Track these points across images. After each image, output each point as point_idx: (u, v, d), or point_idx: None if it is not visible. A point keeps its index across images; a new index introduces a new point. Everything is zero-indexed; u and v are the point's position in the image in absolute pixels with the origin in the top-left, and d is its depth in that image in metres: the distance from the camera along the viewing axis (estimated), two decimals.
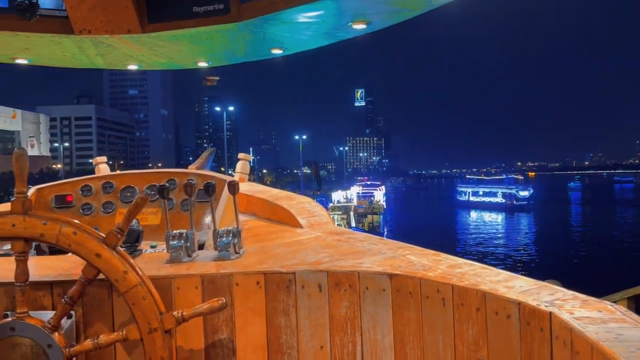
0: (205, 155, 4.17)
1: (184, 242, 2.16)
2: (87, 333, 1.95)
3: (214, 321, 1.96)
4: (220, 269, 2.00)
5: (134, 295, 1.77)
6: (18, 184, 1.83)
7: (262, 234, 2.66)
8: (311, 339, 1.94)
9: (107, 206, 2.96)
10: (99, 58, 3.06)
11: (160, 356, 1.77)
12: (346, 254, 2.16)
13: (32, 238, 1.80)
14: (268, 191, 3.19)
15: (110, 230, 1.81)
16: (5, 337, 1.78)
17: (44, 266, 2.12)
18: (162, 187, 2.22)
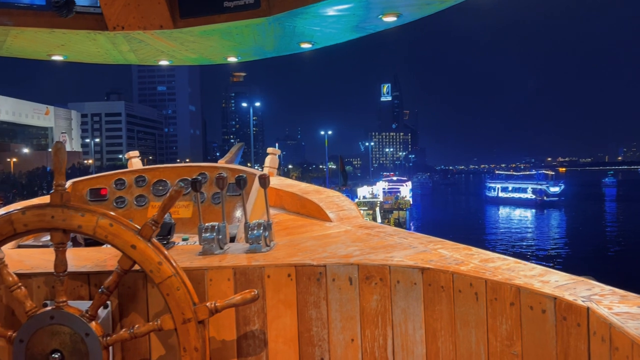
0: (235, 150, 4.22)
1: (216, 235, 2.19)
2: (122, 323, 1.99)
3: (246, 312, 1.98)
4: (251, 261, 2.02)
5: (169, 286, 1.80)
6: (57, 176, 1.87)
7: (291, 227, 2.67)
8: (342, 332, 1.95)
9: (140, 199, 3.02)
10: (132, 54, 3.11)
11: (194, 346, 1.80)
12: (376, 247, 2.15)
13: (70, 229, 1.85)
14: (297, 185, 3.21)
15: (145, 222, 1.84)
16: (45, 326, 1.83)
17: (81, 257, 2.17)
18: (195, 181, 2.25)
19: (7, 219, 1.81)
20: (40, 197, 2.97)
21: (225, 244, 2.26)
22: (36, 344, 1.83)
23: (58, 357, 1.81)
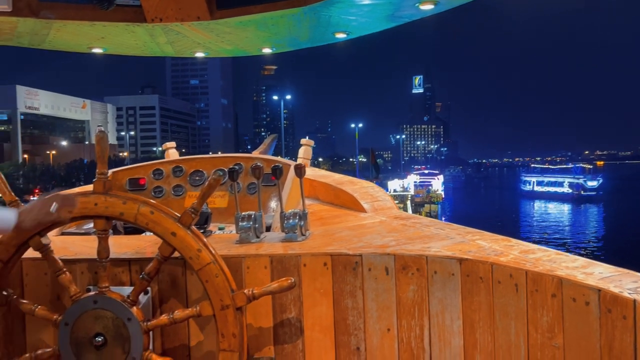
0: (268, 141, 4.25)
1: (252, 224, 2.21)
2: (162, 309, 2.04)
3: (282, 300, 2.00)
4: (288, 250, 2.04)
5: (207, 272, 1.83)
6: (99, 165, 1.92)
7: (325, 217, 2.68)
8: (378, 321, 1.94)
9: (177, 189, 3.07)
10: (169, 46, 3.16)
11: (232, 332, 1.83)
12: (413, 238, 2.14)
13: (113, 217, 1.89)
14: (330, 176, 3.21)
15: (185, 210, 1.87)
16: (89, 310, 1.89)
17: (122, 245, 2.23)
18: (232, 170, 2.27)
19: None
20: (79, 187, 3.05)
21: (261, 232, 2.28)
22: (80, 328, 1.89)
23: (101, 341, 1.87)
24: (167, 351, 2.03)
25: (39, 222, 1.81)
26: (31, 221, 1.79)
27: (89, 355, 1.88)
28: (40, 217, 1.79)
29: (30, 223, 1.79)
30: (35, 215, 1.79)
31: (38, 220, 1.80)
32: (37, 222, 1.80)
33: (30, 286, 2.08)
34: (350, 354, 1.97)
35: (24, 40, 2.95)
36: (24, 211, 1.80)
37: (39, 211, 1.80)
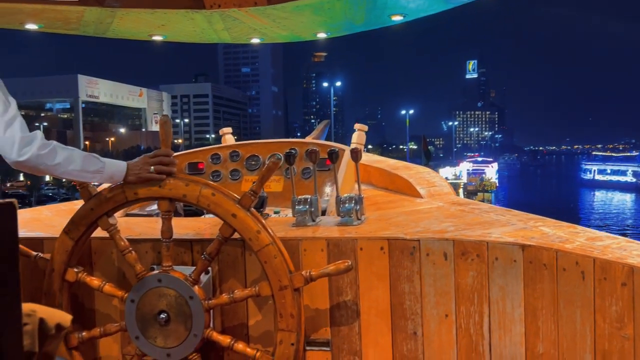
0: (321, 127, 4.26)
1: (308, 207, 2.23)
2: (222, 288, 2.09)
3: (339, 283, 2.01)
4: (344, 234, 2.04)
5: (266, 253, 1.86)
6: (163, 148, 1.98)
7: (380, 202, 2.66)
8: (435, 307, 1.92)
9: (234, 174, 3.13)
10: (225, 32, 3.20)
11: (289, 312, 1.86)
12: (472, 224, 2.10)
13: (176, 198, 1.95)
14: (385, 161, 3.18)
15: (245, 192, 1.90)
16: (153, 288, 1.97)
17: (184, 226, 2.30)
18: (289, 154, 2.29)
19: (120, 188, 1.94)
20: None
21: (317, 216, 2.30)
22: (145, 304, 1.97)
23: (165, 318, 1.94)
24: (227, 329, 2.08)
25: (140, 178, 1.89)
26: (134, 177, 1.88)
27: (154, 331, 1.95)
28: (142, 175, 1.89)
29: (133, 178, 1.89)
30: (138, 171, 1.89)
31: (140, 177, 1.89)
32: (139, 178, 1.89)
33: (98, 264, 2.19)
34: (407, 338, 1.96)
35: (89, 29, 3.06)
36: (132, 165, 1.90)
37: (141, 168, 1.89)
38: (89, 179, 1.89)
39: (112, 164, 1.90)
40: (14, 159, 1.73)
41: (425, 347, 1.94)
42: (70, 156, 1.81)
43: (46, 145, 1.76)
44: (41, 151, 1.75)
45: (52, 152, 1.77)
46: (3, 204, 1.02)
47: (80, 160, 1.82)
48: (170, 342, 1.95)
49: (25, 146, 1.73)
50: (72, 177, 1.86)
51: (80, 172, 1.84)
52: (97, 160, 1.86)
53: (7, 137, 1.72)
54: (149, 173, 1.90)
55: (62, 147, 1.81)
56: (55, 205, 3.05)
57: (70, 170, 1.82)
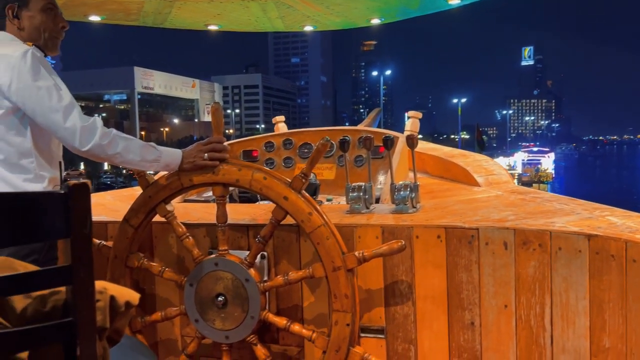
0: (373, 115, 4.22)
1: (362, 195, 2.21)
2: (276, 271, 2.11)
3: (394, 271, 1.99)
4: (399, 221, 2.02)
5: (319, 235, 1.86)
6: (215, 135, 2.01)
7: (436, 191, 2.62)
8: (494, 297, 1.87)
9: (287, 161, 3.15)
10: (279, 20, 3.22)
11: (344, 293, 1.86)
12: (533, 212, 2.03)
13: (229, 183, 1.98)
14: (440, 149, 3.12)
15: (296, 175, 1.91)
16: (210, 271, 2.01)
17: (239, 212, 2.33)
18: (343, 140, 2.28)
19: (175, 175, 1.99)
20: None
21: (371, 204, 2.28)
22: (203, 288, 2.01)
23: (222, 301, 1.98)
24: (281, 312, 2.11)
25: (194, 166, 1.94)
26: (189, 164, 1.93)
27: (212, 313, 2.00)
28: (197, 162, 1.93)
29: (188, 166, 1.93)
30: (193, 159, 1.93)
31: (195, 164, 1.93)
32: (194, 165, 1.93)
33: (158, 249, 2.26)
34: (464, 328, 1.92)
35: (148, 20, 3.14)
36: (187, 153, 1.94)
37: (195, 156, 1.93)
38: (147, 167, 1.95)
39: (168, 153, 1.94)
40: (77, 149, 1.80)
41: (483, 338, 1.90)
42: (129, 145, 1.86)
43: (107, 135, 1.82)
44: (103, 141, 1.81)
45: (113, 141, 1.83)
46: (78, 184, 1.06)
47: (138, 149, 1.88)
48: (228, 325, 1.99)
49: (87, 136, 1.79)
50: (130, 165, 1.92)
51: (139, 161, 1.89)
52: (154, 149, 1.91)
53: (69, 127, 1.78)
54: (203, 160, 1.94)
55: (122, 137, 1.86)
56: (117, 191, 3.17)
57: (130, 159, 1.87)
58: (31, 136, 1.85)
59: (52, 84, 1.80)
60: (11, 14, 1.90)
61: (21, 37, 1.91)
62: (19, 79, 1.75)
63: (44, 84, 1.78)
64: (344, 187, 3.03)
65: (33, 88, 1.76)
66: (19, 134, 1.83)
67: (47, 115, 1.78)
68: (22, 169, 1.85)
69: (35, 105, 1.77)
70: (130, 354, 1.47)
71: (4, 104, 1.79)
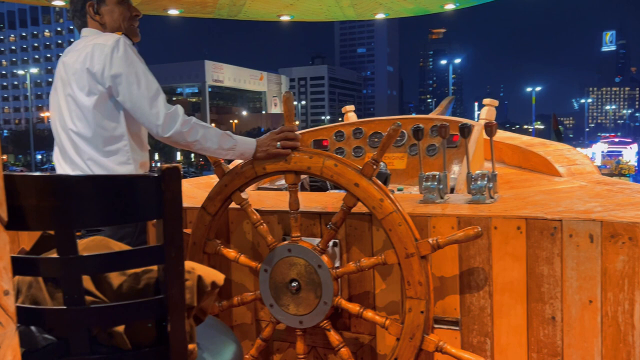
0: (445, 103, 4.11)
1: (437, 184, 2.17)
2: (348, 258, 2.12)
3: (470, 262, 1.94)
4: (476, 212, 1.96)
5: (391, 221, 1.84)
6: (287, 123, 2.03)
7: (514, 181, 2.52)
8: (578, 292, 1.78)
9: (357, 150, 3.14)
10: (351, 9, 3.20)
11: (417, 280, 1.83)
12: (622, 204, 1.90)
13: (301, 171, 2.00)
14: (518, 138, 3.00)
15: (366, 162, 1.89)
16: (284, 257, 2.04)
17: (311, 200, 2.36)
18: (417, 129, 2.24)
19: (249, 164, 2.03)
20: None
21: (445, 193, 2.23)
22: (278, 274, 2.05)
23: (296, 286, 2.01)
24: (353, 298, 2.11)
25: (268, 154, 1.98)
26: (262, 153, 1.97)
27: (286, 299, 2.04)
28: (270, 150, 1.97)
29: (262, 154, 1.98)
30: (266, 147, 1.97)
31: (268, 152, 1.97)
32: (267, 154, 1.97)
33: (234, 235, 2.32)
34: (544, 322, 1.84)
35: (223, 12, 3.22)
36: (260, 142, 1.99)
37: (268, 144, 1.97)
38: (222, 155, 2.00)
39: (243, 141, 1.99)
40: (159, 135, 1.88)
41: (565, 334, 1.82)
42: (208, 133, 1.93)
43: (187, 122, 1.89)
44: (183, 128, 1.88)
45: (193, 129, 1.90)
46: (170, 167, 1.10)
47: (216, 137, 1.94)
48: (302, 310, 2.02)
49: (170, 123, 1.87)
50: (207, 153, 1.98)
51: (216, 149, 1.95)
52: (231, 138, 1.97)
53: (153, 113, 1.87)
54: (275, 149, 1.97)
55: (201, 125, 1.93)
56: (194, 179, 3.30)
57: (207, 147, 1.94)
58: (124, 121, 1.95)
59: (141, 72, 1.89)
60: (92, 10, 2.02)
61: (104, 31, 2.02)
62: (111, 66, 1.86)
63: (134, 70, 1.88)
64: (415, 177, 2.99)
65: (124, 75, 1.86)
66: (113, 119, 1.94)
67: (135, 101, 1.87)
68: (115, 153, 1.95)
69: (125, 91, 1.87)
70: (213, 333, 1.51)
71: (98, 90, 1.90)
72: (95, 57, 1.87)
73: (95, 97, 1.89)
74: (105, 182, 1.14)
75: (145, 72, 1.90)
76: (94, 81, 1.88)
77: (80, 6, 2.03)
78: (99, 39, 1.91)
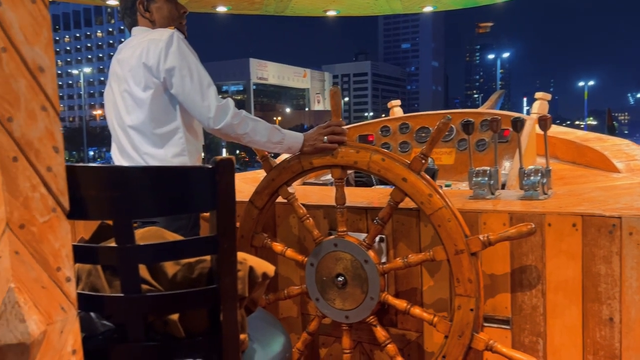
0: (495, 97, 4.02)
1: (488, 180, 2.12)
2: (395, 254, 2.09)
3: (522, 260, 1.88)
4: (529, 208, 1.90)
5: (440, 217, 1.81)
6: (334, 117, 2.02)
7: (568, 177, 2.43)
8: (638, 292, 1.70)
9: (404, 146, 3.11)
10: (398, 2, 3.16)
11: (467, 277, 1.79)
12: None
13: (347, 165, 1.99)
14: (572, 132, 2.90)
15: (415, 156, 1.86)
16: (330, 252, 2.04)
17: (357, 195, 2.34)
18: (467, 123, 2.19)
19: (297, 158, 2.04)
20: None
21: (496, 189, 2.17)
22: (324, 268, 2.05)
23: (342, 281, 2.01)
24: (400, 294, 2.09)
25: (315, 148, 1.99)
26: (309, 147, 1.98)
27: (333, 293, 2.03)
28: (317, 145, 1.97)
29: (309, 149, 1.99)
30: (313, 142, 1.98)
31: (315, 147, 1.98)
32: (314, 148, 1.98)
33: (280, 229, 2.34)
34: (601, 324, 1.77)
35: (270, 9, 3.24)
36: (307, 136, 2.00)
37: (315, 139, 1.98)
38: (270, 148, 2.02)
39: (291, 136, 2.00)
40: (210, 127, 1.92)
41: (624, 336, 1.74)
42: (257, 127, 1.95)
43: (238, 115, 1.92)
44: (234, 121, 1.91)
45: (243, 122, 1.93)
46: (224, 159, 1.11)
47: (265, 131, 1.96)
48: (348, 305, 2.02)
49: (221, 115, 1.90)
50: (256, 145, 2.01)
51: (265, 142, 1.97)
52: (279, 131, 1.98)
53: (205, 106, 1.91)
54: (322, 143, 1.97)
55: (251, 118, 1.95)
56: (241, 174, 3.34)
57: (256, 140, 1.96)
58: (180, 114, 2.00)
59: (193, 65, 1.93)
60: (142, 8, 2.08)
61: (153, 28, 2.07)
62: (166, 59, 1.91)
63: (187, 64, 1.92)
64: (463, 173, 2.93)
65: (177, 68, 1.91)
66: (169, 113, 1.99)
67: (187, 94, 1.92)
68: (171, 145, 2.01)
69: (178, 84, 1.92)
70: (262, 325, 1.53)
71: (154, 83, 1.95)
72: (150, 52, 1.92)
73: (151, 91, 1.94)
74: (161, 173, 1.16)
75: (198, 65, 1.94)
76: (150, 75, 1.93)
77: (131, 4, 2.09)
78: (154, 35, 1.96)
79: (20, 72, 0.71)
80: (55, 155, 0.76)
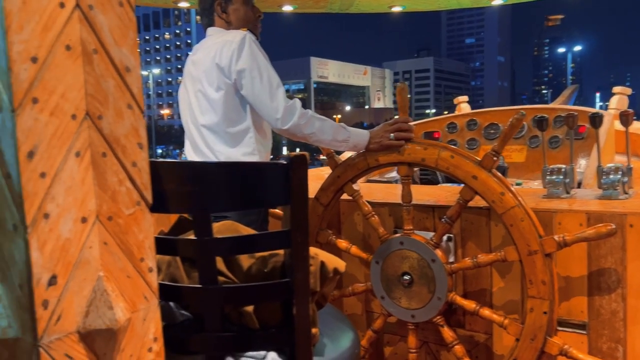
0: (568, 93, 3.85)
1: (563, 178, 2.02)
2: (463, 254, 2.04)
3: (601, 262, 1.78)
4: (608, 208, 1.80)
5: (512, 216, 1.74)
6: (401, 114, 2.00)
7: None
8: None
9: (471, 143, 3.03)
10: None
11: (541, 279, 1.72)
12: None
13: (415, 163, 1.95)
14: None
15: (486, 153, 1.80)
16: (395, 250, 2.02)
17: (423, 193, 2.31)
18: (541, 118, 2.11)
19: (362, 155, 2.03)
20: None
21: (572, 188, 2.07)
22: (389, 266, 2.03)
23: (408, 279, 1.98)
24: (468, 295, 2.04)
25: (381, 146, 1.97)
26: (375, 144, 1.98)
27: (398, 292, 2.01)
28: (383, 142, 1.96)
29: (375, 146, 1.98)
30: (380, 139, 1.97)
31: (381, 144, 1.97)
32: (380, 145, 1.97)
33: (345, 226, 2.34)
34: None
35: (335, 6, 3.25)
36: (373, 134, 1.99)
37: (382, 136, 1.97)
38: (336, 147, 2.03)
39: (357, 133, 2.00)
40: (278, 127, 1.95)
41: None
42: (323, 126, 1.96)
43: (305, 115, 1.94)
44: (301, 121, 1.93)
45: (310, 121, 1.95)
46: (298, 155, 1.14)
47: (331, 129, 1.97)
48: (414, 304, 1.99)
49: (288, 115, 1.93)
50: (322, 144, 2.02)
51: (331, 141, 1.99)
52: (345, 130, 1.99)
53: (273, 106, 1.94)
54: (389, 140, 1.95)
55: (317, 117, 1.97)
56: None
57: (323, 139, 1.98)
58: (250, 114, 2.05)
59: (263, 66, 1.98)
60: (220, 9, 2.13)
61: (228, 29, 2.13)
62: (238, 61, 1.97)
63: (257, 65, 1.97)
64: (535, 171, 2.82)
65: (247, 69, 1.96)
66: (240, 113, 2.05)
67: (257, 94, 1.96)
68: (242, 144, 2.07)
69: (248, 85, 1.97)
70: (331, 320, 1.55)
71: (226, 84, 2.01)
72: (223, 53, 1.97)
73: (223, 92, 2.00)
74: (238, 169, 1.20)
75: (268, 66, 1.98)
76: (222, 76, 1.99)
77: (209, 5, 2.16)
78: (227, 36, 2.02)
79: (109, 72, 0.74)
80: (140, 151, 0.80)
